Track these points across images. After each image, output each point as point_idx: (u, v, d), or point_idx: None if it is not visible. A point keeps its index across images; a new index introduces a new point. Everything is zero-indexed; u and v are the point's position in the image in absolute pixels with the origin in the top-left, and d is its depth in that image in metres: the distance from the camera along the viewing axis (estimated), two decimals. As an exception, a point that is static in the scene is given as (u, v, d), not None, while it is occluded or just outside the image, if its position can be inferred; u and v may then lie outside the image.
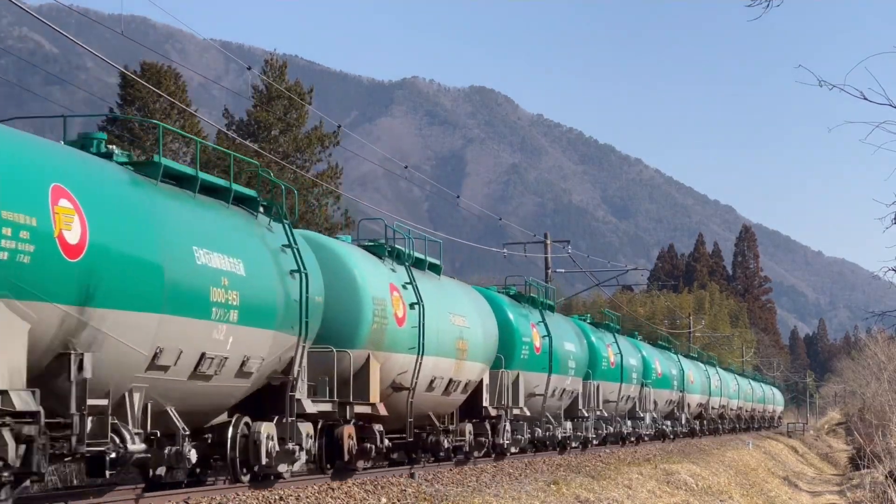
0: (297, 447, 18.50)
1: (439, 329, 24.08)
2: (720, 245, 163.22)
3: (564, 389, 35.11)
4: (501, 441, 29.14)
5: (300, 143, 54.46)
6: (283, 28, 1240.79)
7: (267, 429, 17.84)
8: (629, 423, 44.73)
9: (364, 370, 21.08)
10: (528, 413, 30.92)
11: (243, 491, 17.53)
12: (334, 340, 20.27)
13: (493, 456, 29.32)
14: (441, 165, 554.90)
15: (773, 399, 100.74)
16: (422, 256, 25.06)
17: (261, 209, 18.64)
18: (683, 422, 55.64)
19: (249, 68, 31.50)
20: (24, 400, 12.35)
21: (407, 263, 23.71)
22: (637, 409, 46.16)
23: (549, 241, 54.15)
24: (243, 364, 16.79)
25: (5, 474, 12.27)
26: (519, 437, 31.22)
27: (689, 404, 56.98)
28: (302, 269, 18.50)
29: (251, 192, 18.35)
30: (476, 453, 27.91)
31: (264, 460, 17.71)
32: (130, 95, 51.09)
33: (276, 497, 17.31)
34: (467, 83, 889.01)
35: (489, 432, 28.28)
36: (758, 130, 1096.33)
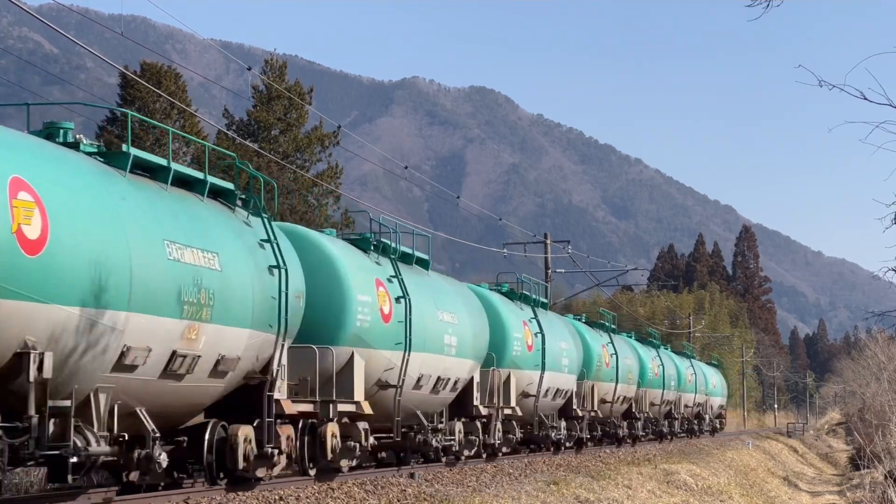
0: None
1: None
2: (720, 245, 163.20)
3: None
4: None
5: (300, 143, 54.51)
6: (283, 28, 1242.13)
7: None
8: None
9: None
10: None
11: (244, 491, 17.55)
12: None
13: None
14: (441, 165, 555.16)
15: (698, 386, 60.85)
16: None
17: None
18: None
19: (249, 68, 31.54)
20: None
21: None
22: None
23: (549, 241, 54.21)
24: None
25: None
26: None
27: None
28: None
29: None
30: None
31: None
32: (130, 95, 51.11)
33: (276, 497, 17.33)
34: (467, 83, 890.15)
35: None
36: (758, 130, 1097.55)
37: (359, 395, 20.80)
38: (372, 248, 22.77)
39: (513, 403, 29.69)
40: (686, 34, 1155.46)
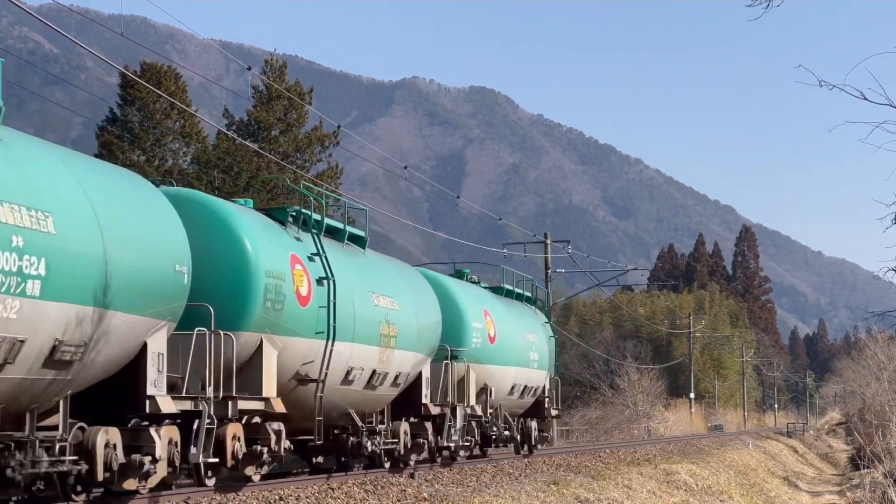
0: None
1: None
2: (720, 245, 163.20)
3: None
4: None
5: (300, 143, 54.46)
6: (283, 28, 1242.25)
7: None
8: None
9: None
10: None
11: (243, 490, 17.56)
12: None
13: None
14: (441, 165, 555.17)
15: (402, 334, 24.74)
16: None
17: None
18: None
19: (249, 68, 31.51)
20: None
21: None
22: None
23: (549, 241, 54.24)
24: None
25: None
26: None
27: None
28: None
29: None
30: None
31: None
32: (130, 95, 51.09)
33: (276, 497, 17.34)
34: (467, 83, 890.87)
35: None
36: (758, 130, 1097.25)
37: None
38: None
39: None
40: (686, 34, 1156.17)
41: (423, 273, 26.90)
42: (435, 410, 24.91)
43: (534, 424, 33.62)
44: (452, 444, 26.00)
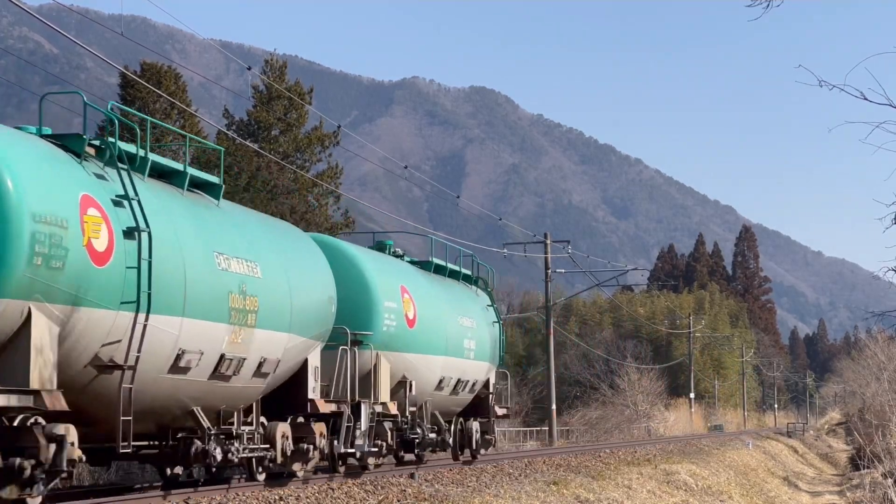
0: None
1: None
2: (720, 245, 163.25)
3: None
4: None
5: (300, 143, 54.48)
6: (283, 28, 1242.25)
7: None
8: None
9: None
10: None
11: (243, 490, 17.56)
12: None
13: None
14: (441, 165, 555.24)
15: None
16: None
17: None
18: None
19: (249, 68, 31.53)
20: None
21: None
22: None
23: (549, 241, 54.27)
24: None
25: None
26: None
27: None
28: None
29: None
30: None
31: None
32: (130, 95, 51.07)
33: (276, 497, 17.33)
34: (467, 83, 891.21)
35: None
36: (758, 130, 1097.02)
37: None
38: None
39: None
40: (686, 34, 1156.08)
41: (317, 238, 22.02)
42: (326, 408, 19.95)
43: (476, 426, 28.67)
44: (356, 451, 21.19)
